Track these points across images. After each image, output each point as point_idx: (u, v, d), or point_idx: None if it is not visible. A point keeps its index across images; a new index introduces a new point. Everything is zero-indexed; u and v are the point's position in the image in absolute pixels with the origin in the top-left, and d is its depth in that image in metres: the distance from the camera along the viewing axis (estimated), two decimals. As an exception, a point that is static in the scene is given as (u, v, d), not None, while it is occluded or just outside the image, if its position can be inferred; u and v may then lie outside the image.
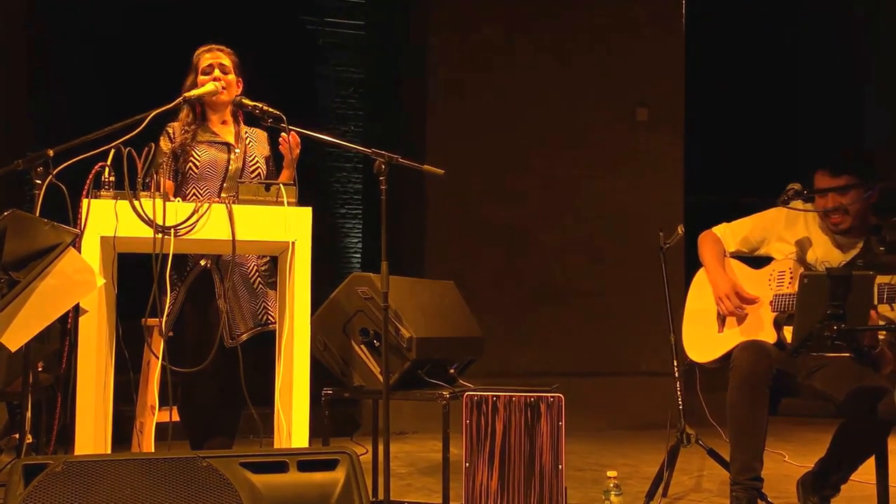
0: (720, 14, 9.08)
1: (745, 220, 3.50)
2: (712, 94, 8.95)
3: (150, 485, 2.08)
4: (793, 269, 3.22)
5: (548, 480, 3.06)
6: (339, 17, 9.70)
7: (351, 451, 2.30)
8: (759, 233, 3.44)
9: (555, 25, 7.31)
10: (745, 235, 3.46)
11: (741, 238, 3.47)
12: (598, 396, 6.75)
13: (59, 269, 2.51)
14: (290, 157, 3.31)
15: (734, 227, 3.50)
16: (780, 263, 3.30)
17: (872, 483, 3.17)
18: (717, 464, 3.66)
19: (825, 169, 3.21)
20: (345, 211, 9.73)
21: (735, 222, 3.52)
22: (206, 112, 3.49)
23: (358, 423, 6.02)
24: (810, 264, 3.27)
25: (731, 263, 3.45)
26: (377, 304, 3.25)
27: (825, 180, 3.21)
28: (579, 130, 7.30)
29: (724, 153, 9.14)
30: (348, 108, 9.76)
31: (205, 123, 3.48)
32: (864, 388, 3.01)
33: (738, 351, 3.13)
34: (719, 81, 9.19)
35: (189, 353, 3.30)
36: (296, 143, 3.32)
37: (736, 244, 3.48)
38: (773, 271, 3.30)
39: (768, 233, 3.42)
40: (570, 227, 7.23)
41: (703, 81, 8.13)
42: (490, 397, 3.12)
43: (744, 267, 3.43)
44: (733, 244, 3.48)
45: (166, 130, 3.44)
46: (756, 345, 3.13)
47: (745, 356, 3.08)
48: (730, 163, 8.85)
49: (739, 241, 3.47)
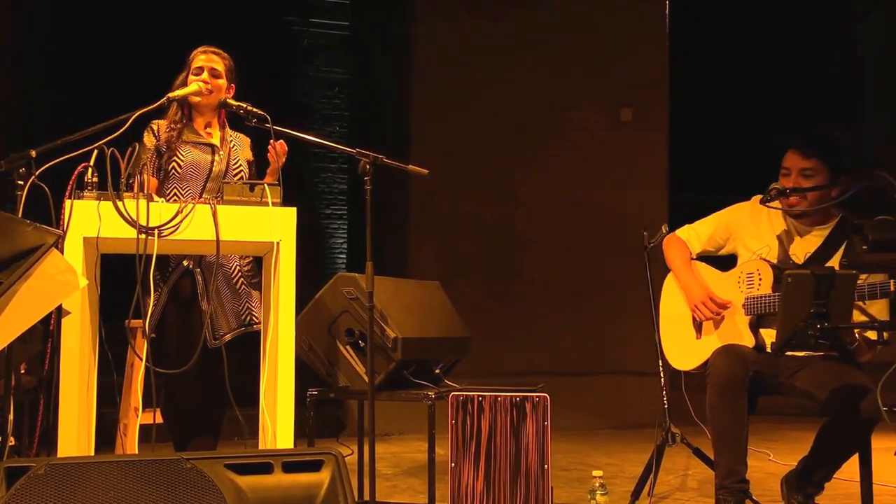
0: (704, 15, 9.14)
1: (708, 219, 3.51)
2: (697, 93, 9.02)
3: (133, 487, 2.07)
4: (761, 269, 3.24)
5: (533, 480, 3.06)
6: (324, 18, 9.69)
7: (336, 451, 2.30)
8: (724, 231, 3.46)
9: (540, 26, 7.32)
10: (710, 235, 3.48)
11: (706, 238, 3.48)
12: (583, 396, 6.77)
13: (42, 271, 2.49)
14: (276, 165, 3.31)
15: (698, 228, 3.52)
16: (749, 265, 3.30)
17: (856, 481, 3.18)
18: (703, 463, 3.68)
19: (796, 148, 3.25)
20: (330, 211, 9.71)
21: (698, 223, 3.53)
22: (192, 113, 3.48)
23: (343, 424, 6.02)
24: (789, 258, 3.28)
25: (699, 267, 3.46)
26: (362, 304, 3.24)
27: (795, 159, 3.24)
28: (564, 130, 7.32)
29: (708, 153, 9.21)
30: (333, 108, 9.75)
31: (191, 124, 3.47)
32: (846, 386, 3.02)
33: (714, 356, 3.15)
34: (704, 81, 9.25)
35: (171, 354, 3.28)
36: (283, 151, 3.32)
37: (701, 245, 3.49)
38: (742, 273, 3.31)
39: (732, 229, 3.44)
40: (555, 227, 7.25)
41: (688, 81, 8.18)
42: (476, 397, 3.12)
43: (712, 270, 3.44)
44: (699, 245, 3.50)
45: (150, 127, 3.43)
46: (731, 349, 3.15)
47: (721, 361, 3.10)
48: (713, 162, 8.92)
49: (705, 241, 3.49)
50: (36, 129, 6.93)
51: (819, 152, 3.23)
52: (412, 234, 7.11)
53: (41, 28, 7.64)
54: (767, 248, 3.33)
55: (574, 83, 7.33)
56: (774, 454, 4.99)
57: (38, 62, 7.60)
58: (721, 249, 3.49)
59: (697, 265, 3.47)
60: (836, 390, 3.03)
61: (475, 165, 7.13)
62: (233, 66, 3.50)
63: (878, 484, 3.24)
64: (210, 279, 3.31)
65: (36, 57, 7.57)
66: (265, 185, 2.89)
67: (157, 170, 3.40)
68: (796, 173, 3.23)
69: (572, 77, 7.33)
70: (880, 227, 2.52)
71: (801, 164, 3.23)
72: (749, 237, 3.39)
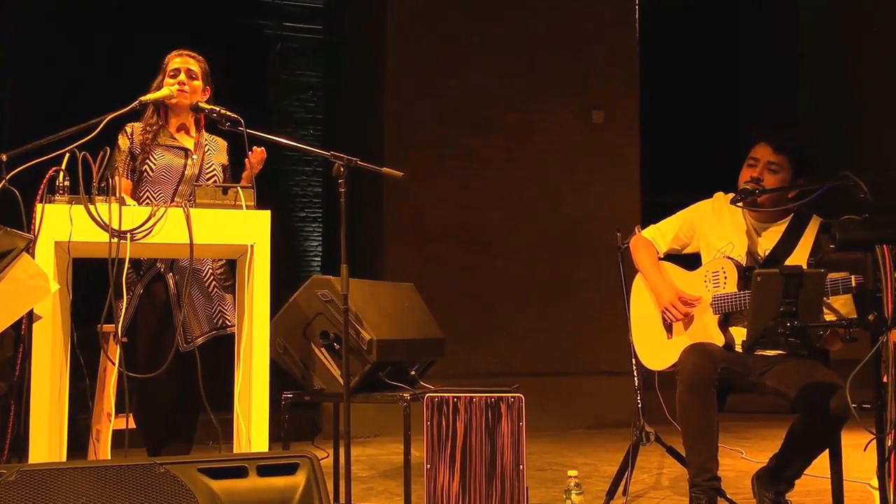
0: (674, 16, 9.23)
1: (672, 218, 3.57)
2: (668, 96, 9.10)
3: (106, 493, 2.05)
4: (726, 268, 3.28)
5: (509, 480, 3.08)
6: (298, 22, 9.67)
7: (311, 454, 2.29)
8: (688, 229, 3.51)
9: (512, 29, 7.35)
10: (675, 233, 3.53)
11: (672, 237, 3.53)
12: (557, 396, 6.80)
13: (13, 275, 2.47)
14: (250, 173, 3.30)
15: (663, 228, 3.57)
16: (714, 263, 3.35)
17: (826, 477, 3.22)
18: (676, 461, 3.71)
19: (768, 142, 3.30)
20: (304, 214, 9.69)
21: (662, 222, 3.58)
22: (168, 115, 3.47)
23: (319, 427, 6.00)
24: (752, 255, 3.33)
25: (666, 267, 3.51)
26: (337, 306, 3.24)
27: (765, 151, 3.29)
28: (537, 133, 7.36)
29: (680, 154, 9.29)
30: (307, 111, 9.73)
31: (165, 127, 3.46)
32: (816, 384, 3.06)
33: (683, 355, 3.19)
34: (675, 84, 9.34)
35: (143, 358, 3.27)
36: (259, 160, 3.31)
37: (667, 244, 3.54)
38: (708, 272, 3.35)
39: (696, 227, 3.49)
40: (529, 228, 7.28)
41: (658, 84, 8.26)
42: (451, 398, 3.13)
43: (679, 269, 3.48)
44: (665, 245, 3.54)
45: (125, 129, 3.41)
46: (700, 347, 3.19)
47: (689, 359, 3.14)
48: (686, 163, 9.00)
49: (670, 240, 3.54)
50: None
51: (789, 151, 3.29)
52: (386, 236, 7.12)
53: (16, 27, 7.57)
54: (731, 246, 3.37)
55: (546, 86, 7.38)
56: (747, 452, 5.04)
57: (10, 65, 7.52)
58: (686, 248, 3.55)
59: (665, 265, 3.51)
60: (806, 388, 3.06)
61: (449, 168, 7.15)
62: (208, 69, 3.50)
63: (849, 480, 3.27)
64: (183, 283, 3.30)
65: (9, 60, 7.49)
66: (238, 188, 2.88)
67: (132, 171, 3.39)
68: (763, 165, 3.28)
69: (544, 80, 7.37)
70: (848, 227, 2.55)
71: (771, 157, 3.28)
72: (712, 234, 3.44)
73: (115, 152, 3.31)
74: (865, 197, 2.60)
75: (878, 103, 8.99)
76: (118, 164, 3.31)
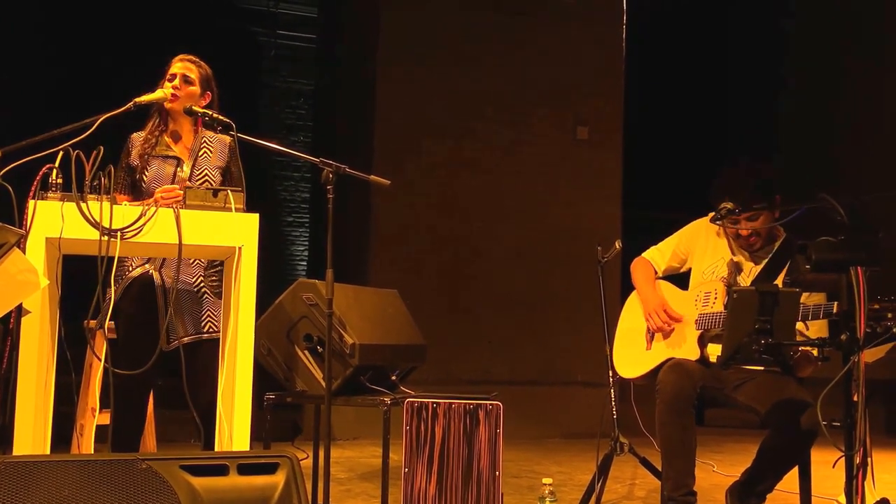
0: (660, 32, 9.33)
1: (670, 238, 3.68)
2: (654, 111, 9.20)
3: (88, 486, 2.08)
4: (718, 290, 3.37)
5: (485, 486, 3.12)
6: (291, 30, 9.71)
7: (291, 455, 2.31)
8: (684, 248, 3.62)
9: (498, 44, 7.43)
10: (673, 251, 3.63)
11: (670, 254, 3.63)
12: (534, 405, 6.86)
13: (3, 269, 2.50)
14: None
15: (661, 248, 3.68)
16: (708, 284, 3.44)
17: (796, 493, 3.29)
18: (649, 472, 3.77)
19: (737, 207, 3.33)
20: (292, 219, 9.73)
21: (661, 243, 3.69)
22: (168, 119, 3.51)
23: (300, 428, 6.03)
24: (735, 277, 3.42)
25: (661, 286, 3.60)
26: (322, 310, 3.28)
27: (745, 224, 3.38)
28: (523, 146, 7.44)
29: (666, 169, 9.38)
30: (297, 118, 9.78)
31: (163, 135, 3.49)
32: (787, 401, 3.13)
33: (663, 374, 3.26)
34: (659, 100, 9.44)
35: (127, 356, 3.28)
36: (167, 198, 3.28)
37: (665, 262, 3.64)
38: (700, 292, 3.45)
39: (690, 247, 3.60)
40: (512, 239, 7.35)
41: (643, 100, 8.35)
42: (430, 404, 3.18)
43: (674, 289, 3.58)
44: (663, 263, 3.64)
45: (126, 144, 3.46)
46: (680, 366, 3.26)
47: (670, 378, 3.21)
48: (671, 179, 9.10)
49: (669, 257, 3.63)
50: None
51: (755, 200, 3.32)
52: (372, 243, 7.16)
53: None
54: (717, 267, 3.46)
55: (532, 102, 7.46)
56: (719, 465, 5.11)
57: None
58: (684, 265, 3.64)
59: (660, 283, 3.62)
60: (778, 404, 3.14)
61: (435, 177, 7.22)
62: (209, 75, 3.53)
63: (817, 496, 3.35)
64: (170, 284, 3.32)
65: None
66: (228, 190, 2.92)
67: (131, 187, 3.42)
68: (745, 222, 3.37)
69: (531, 96, 7.46)
70: (823, 248, 2.63)
71: (749, 225, 3.38)
72: (702, 255, 3.53)
73: (117, 170, 3.33)
74: (842, 219, 2.68)
75: (857, 128, 9.14)
76: (118, 181, 3.34)
